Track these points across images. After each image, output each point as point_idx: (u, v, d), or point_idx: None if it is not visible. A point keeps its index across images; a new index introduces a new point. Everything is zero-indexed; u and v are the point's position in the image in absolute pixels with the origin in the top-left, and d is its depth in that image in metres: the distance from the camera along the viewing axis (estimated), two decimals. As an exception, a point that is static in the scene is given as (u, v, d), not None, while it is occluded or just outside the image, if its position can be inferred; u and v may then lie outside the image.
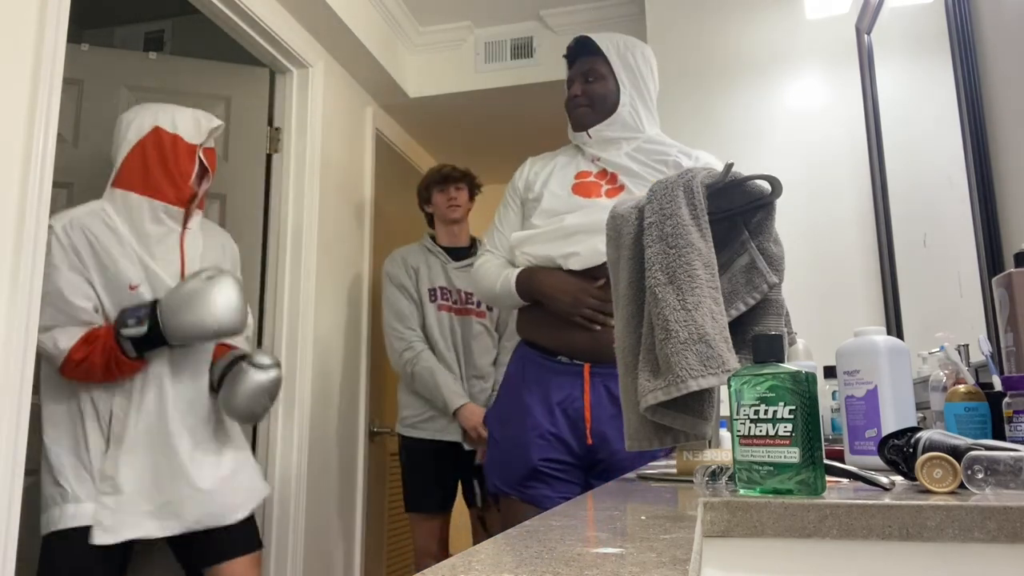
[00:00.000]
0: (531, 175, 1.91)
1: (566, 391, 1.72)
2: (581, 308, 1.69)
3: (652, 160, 1.80)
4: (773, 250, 1.14)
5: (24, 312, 1.53)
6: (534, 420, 1.72)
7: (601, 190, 1.79)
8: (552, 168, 1.88)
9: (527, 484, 1.72)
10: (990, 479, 0.76)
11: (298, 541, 2.49)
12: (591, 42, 1.85)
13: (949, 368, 1.27)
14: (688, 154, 1.81)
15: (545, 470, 1.70)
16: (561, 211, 1.77)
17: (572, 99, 1.86)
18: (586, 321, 1.70)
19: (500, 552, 0.51)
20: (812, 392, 0.78)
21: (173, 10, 3.14)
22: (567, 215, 1.75)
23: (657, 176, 1.74)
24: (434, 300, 2.73)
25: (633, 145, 1.83)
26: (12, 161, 1.53)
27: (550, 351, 1.77)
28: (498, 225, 1.95)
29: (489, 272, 1.87)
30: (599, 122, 1.82)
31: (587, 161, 1.85)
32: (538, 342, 1.79)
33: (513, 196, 1.95)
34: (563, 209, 1.77)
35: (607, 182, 1.81)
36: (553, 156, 1.93)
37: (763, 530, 0.72)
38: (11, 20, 1.55)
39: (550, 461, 1.71)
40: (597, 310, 1.69)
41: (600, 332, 1.69)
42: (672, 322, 1.00)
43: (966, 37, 1.63)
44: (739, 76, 2.63)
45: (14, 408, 1.49)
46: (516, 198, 1.94)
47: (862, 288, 2.39)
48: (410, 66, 3.36)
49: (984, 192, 1.56)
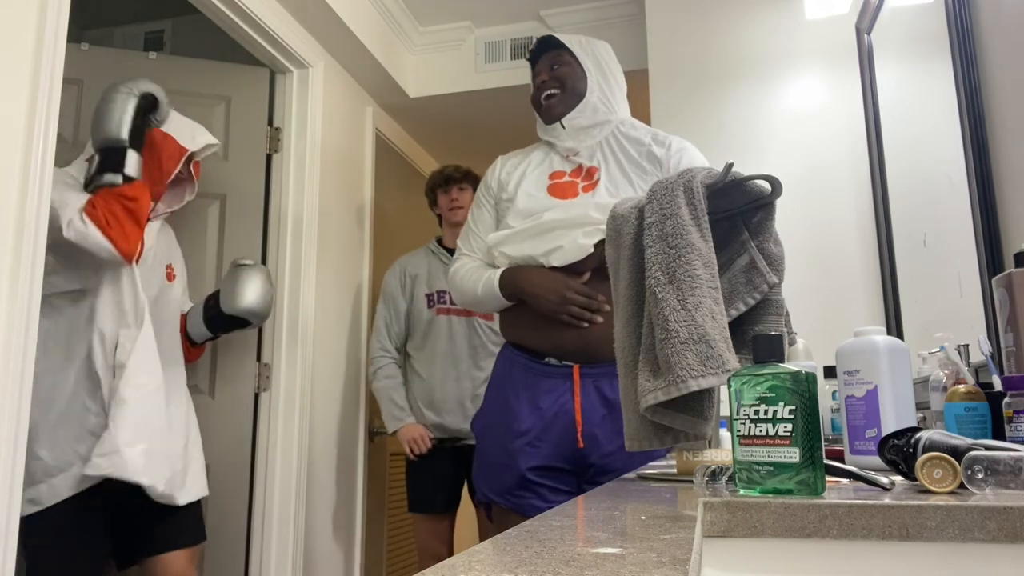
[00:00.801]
0: (503, 175, 1.88)
1: (555, 394, 1.68)
2: (568, 306, 1.64)
3: (627, 142, 1.78)
4: (773, 250, 1.14)
5: (24, 312, 1.53)
6: (521, 426, 1.67)
7: (578, 188, 1.76)
8: (525, 167, 1.85)
9: (516, 493, 1.67)
10: (990, 479, 0.76)
11: (298, 542, 2.49)
12: (553, 38, 1.85)
13: (949, 368, 1.27)
14: (662, 142, 1.77)
15: (534, 479, 1.66)
16: (537, 212, 1.74)
17: (540, 85, 1.83)
18: (573, 319, 1.65)
19: (500, 552, 0.51)
20: (812, 392, 0.78)
21: (173, 10, 3.14)
22: (544, 212, 1.72)
23: (634, 168, 1.74)
24: (432, 305, 2.73)
25: (607, 131, 1.80)
26: (12, 161, 1.53)
27: (537, 353, 1.72)
28: (472, 227, 1.91)
29: (468, 276, 1.83)
30: (570, 109, 1.79)
31: (561, 159, 1.81)
32: (524, 343, 1.75)
33: (487, 196, 1.91)
34: (539, 210, 1.74)
35: (583, 178, 1.77)
36: (525, 154, 1.89)
37: (763, 530, 0.72)
38: (11, 20, 1.55)
39: (540, 469, 1.66)
40: (584, 306, 1.65)
41: (589, 330, 1.65)
42: (672, 322, 1.00)
43: (966, 37, 1.62)
44: (739, 76, 2.63)
45: (14, 408, 1.49)
46: (490, 198, 1.90)
47: (862, 288, 2.39)
48: (410, 66, 3.36)
49: (984, 192, 1.56)
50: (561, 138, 1.81)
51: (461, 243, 1.93)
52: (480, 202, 1.91)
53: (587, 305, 1.65)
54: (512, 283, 1.73)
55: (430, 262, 2.81)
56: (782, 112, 2.57)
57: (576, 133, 1.80)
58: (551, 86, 1.81)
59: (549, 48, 1.86)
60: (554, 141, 1.83)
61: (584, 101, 1.79)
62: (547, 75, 1.82)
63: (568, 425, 1.66)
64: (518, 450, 1.67)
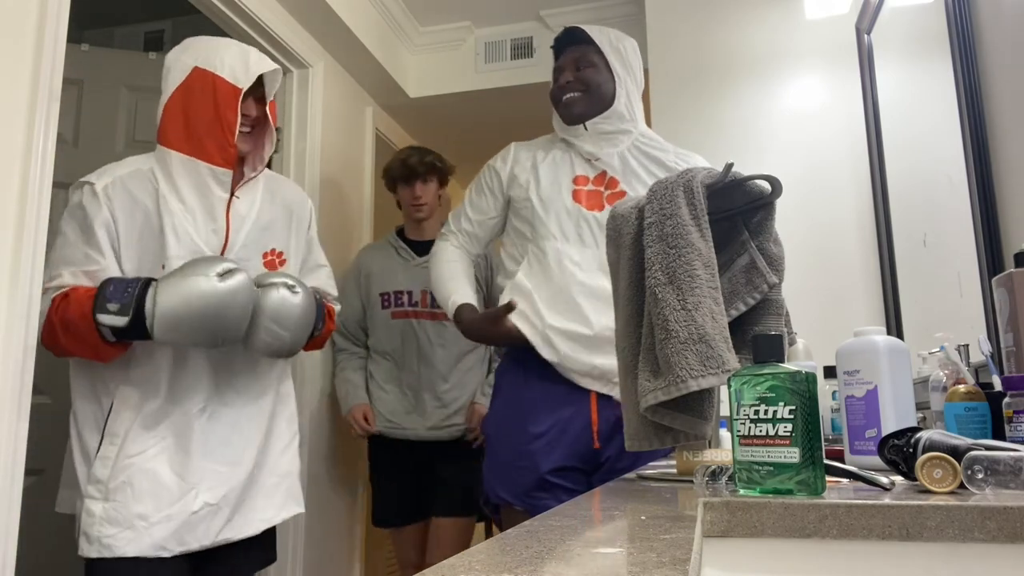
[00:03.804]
0: (516, 168, 1.80)
1: (572, 395, 1.67)
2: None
3: (650, 161, 1.76)
4: (773, 250, 1.14)
5: (24, 312, 1.52)
6: (539, 427, 1.66)
7: (603, 198, 1.72)
8: (542, 164, 1.78)
9: (534, 495, 1.64)
10: (990, 479, 0.76)
11: (298, 543, 2.48)
12: (581, 31, 1.76)
13: (949, 368, 1.27)
14: (686, 160, 1.76)
15: (554, 481, 1.64)
16: (567, 226, 1.70)
17: (564, 86, 1.74)
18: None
19: (500, 552, 0.51)
20: (812, 392, 0.78)
21: (173, 10, 3.15)
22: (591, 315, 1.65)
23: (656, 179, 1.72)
24: (387, 307, 2.57)
25: (629, 141, 1.76)
26: (12, 161, 1.53)
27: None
28: (467, 207, 1.84)
29: (444, 269, 1.82)
30: (594, 114, 1.73)
31: (582, 161, 1.76)
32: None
33: (493, 182, 1.82)
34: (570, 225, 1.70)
35: (607, 187, 1.74)
36: (543, 148, 1.82)
37: (763, 530, 0.72)
38: (11, 20, 1.55)
39: (558, 470, 1.65)
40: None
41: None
42: (672, 322, 1.00)
43: (966, 37, 1.62)
44: (739, 76, 2.62)
45: (14, 408, 1.49)
46: (498, 187, 1.82)
47: (862, 288, 2.39)
48: (410, 66, 3.37)
49: (984, 192, 1.56)
50: (582, 139, 1.76)
51: (451, 218, 1.88)
52: (482, 186, 1.84)
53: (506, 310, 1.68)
54: (466, 330, 1.75)
55: (388, 258, 2.59)
56: (782, 112, 2.57)
57: (598, 138, 1.75)
58: (575, 88, 1.74)
59: (576, 41, 1.77)
60: (573, 141, 1.78)
61: (611, 109, 1.74)
62: (572, 75, 1.75)
63: (585, 426, 1.66)
64: (537, 451, 1.65)
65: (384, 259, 2.61)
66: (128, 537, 1.45)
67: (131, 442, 1.50)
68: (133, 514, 1.46)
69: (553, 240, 1.71)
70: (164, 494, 1.50)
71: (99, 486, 1.48)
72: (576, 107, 1.74)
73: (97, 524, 1.46)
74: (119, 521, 1.46)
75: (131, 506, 1.47)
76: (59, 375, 2.26)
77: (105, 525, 1.46)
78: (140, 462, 1.50)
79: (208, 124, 1.53)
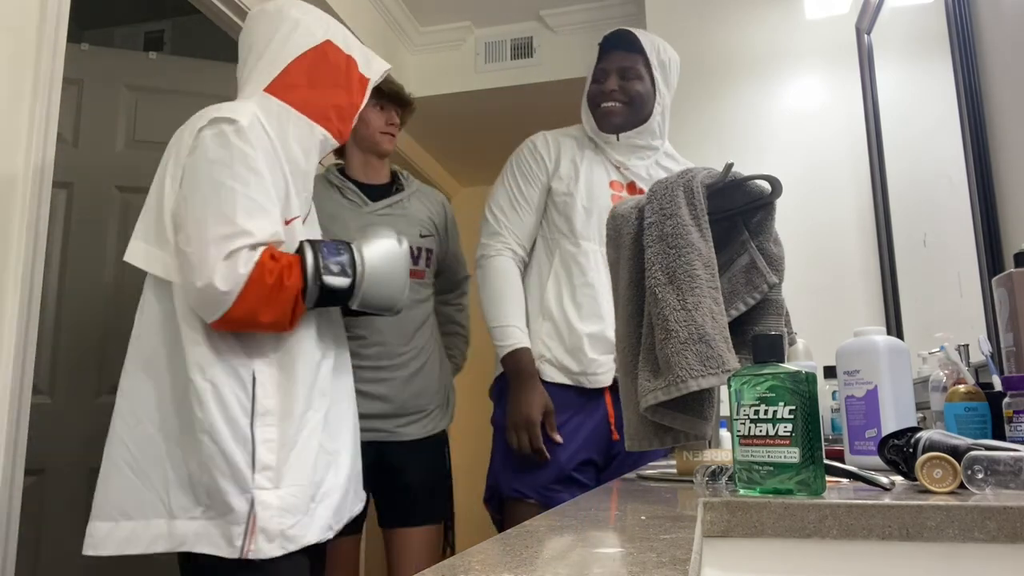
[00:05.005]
0: (562, 157, 1.73)
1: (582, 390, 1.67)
2: (523, 444, 1.62)
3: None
4: (773, 250, 1.14)
5: (24, 312, 1.53)
6: (557, 420, 1.65)
7: None
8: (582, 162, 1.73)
9: (552, 488, 1.63)
10: (990, 479, 0.76)
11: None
12: (635, 39, 1.72)
13: (949, 368, 1.27)
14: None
15: (576, 477, 1.64)
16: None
17: (607, 94, 1.71)
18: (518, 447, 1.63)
19: (500, 552, 0.51)
20: (812, 392, 0.78)
21: (173, 10, 3.15)
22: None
23: None
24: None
25: (654, 158, 1.77)
26: (12, 161, 1.53)
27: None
28: (513, 206, 1.74)
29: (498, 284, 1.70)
30: (630, 127, 1.72)
31: (613, 167, 1.75)
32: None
33: (539, 169, 1.74)
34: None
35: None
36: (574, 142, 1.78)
37: (763, 530, 0.72)
38: (11, 20, 1.55)
39: (583, 465, 1.65)
40: (528, 447, 1.62)
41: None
42: (672, 322, 1.00)
43: (966, 37, 1.62)
44: (739, 76, 2.63)
45: (14, 408, 1.49)
46: (544, 175, 1.74)
47: (862, 288, 2.39)
48: (410, 66, 3.36)
49: (984, 192, 1.56)
50: (612, 147, 1.76)
51: (496, 224, 1.74)
52: (527, 174, 1.75)
53: (533, 448, 1.62)
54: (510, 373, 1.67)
55: (335, 203, 1.96)
56: (782, 112, 2.57)
57: (628, 150, 1.75)
58: (617, 99, 1.71)
59: (625, 45, 1.73)
60: (603, 146, 1.76)
61: (646, 124, 1.73)
62: (615, 84, 1.71)
63: (603, 418, 1.67)
64: (558, 445, 1.64)
65: (332, 203, 1.96)
66: (306, 524, 1.34)
67: (288, 420, 1.36)
68: (307, 497, 1.35)
69: (591, 242, 1.69)
70: (322, 470, 1.40)
71: (267, 473, 1.31)
72: (616, 117, 1.72)
73: (276, 516, 1.29)
74: (298, 508, 1.33)
75: (306, 489, 1.35)
76: (59, 375, 2.26)
77: (286, 515, 1.30)
78: (302, 440, 1.36)
79: (336, 99, 1.47)
